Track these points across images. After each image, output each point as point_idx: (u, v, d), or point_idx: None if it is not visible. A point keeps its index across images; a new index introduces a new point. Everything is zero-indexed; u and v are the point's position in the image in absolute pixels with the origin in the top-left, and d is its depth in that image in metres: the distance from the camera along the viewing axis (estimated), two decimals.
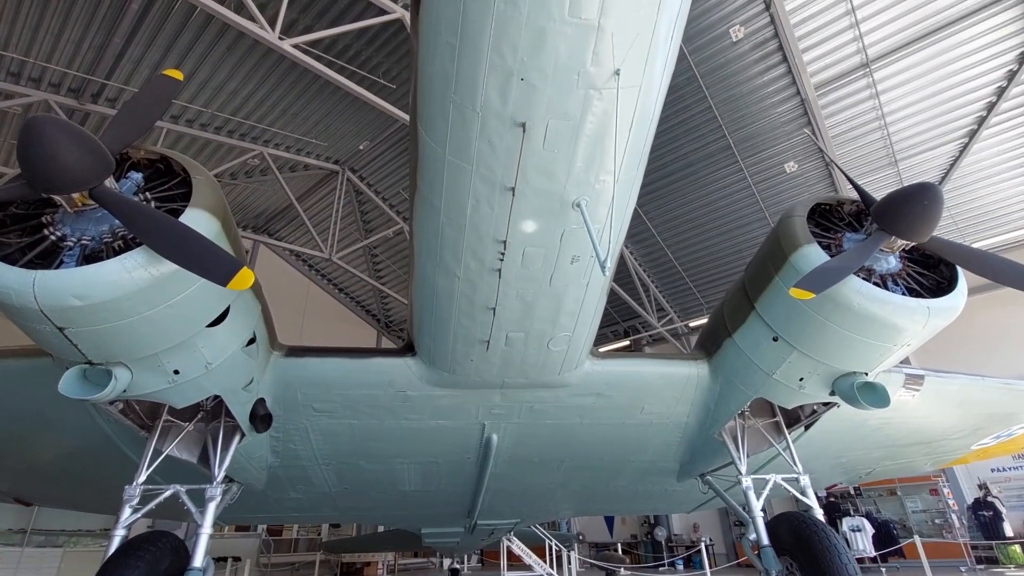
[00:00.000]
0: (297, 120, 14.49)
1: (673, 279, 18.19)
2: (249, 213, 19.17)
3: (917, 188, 3.82)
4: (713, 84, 12.58)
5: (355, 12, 10.94)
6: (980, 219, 14.55)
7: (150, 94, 3.97)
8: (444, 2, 2.72)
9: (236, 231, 4.06)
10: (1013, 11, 10.96)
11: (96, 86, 12.21)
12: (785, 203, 15.07)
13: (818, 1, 11.05)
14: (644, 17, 2.68)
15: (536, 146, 3.07)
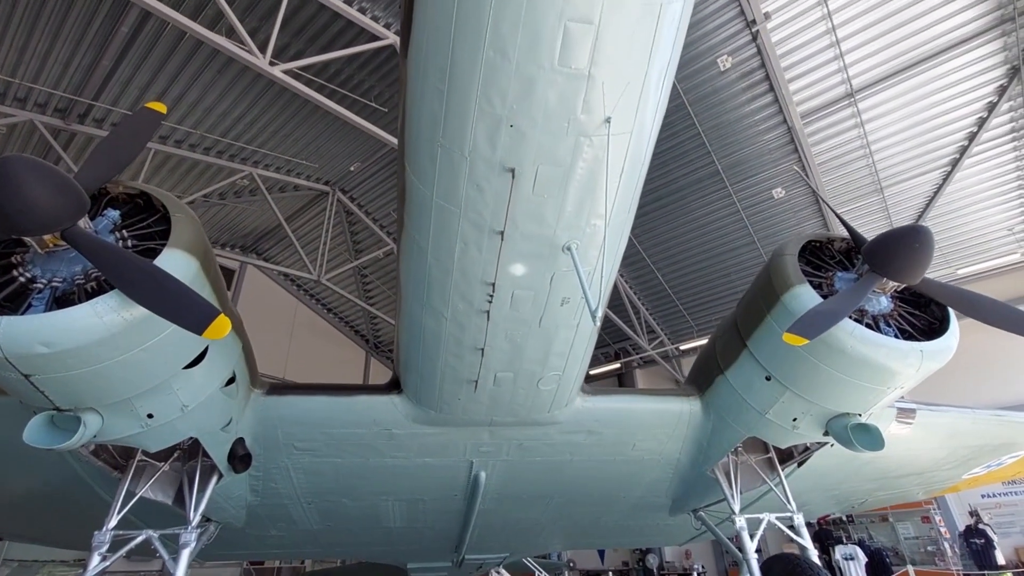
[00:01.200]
0: (288, 142, 14.42)
1: (663, 302, 18.21)
2: (237, 233, 18.96)
3: (908, 230, 3.81)
4: (701, 112, 12.74)
5: (347, 37, 10.98)
6: (965, 246, 14.76)
7: (131, 127, 3.88)
8: (432, 48, 2.68)
9: (217, 270, 3.93)
10: (991, 46, 11.26)
11: (83, 107, 12.08)
12: (773, 228, 15.23)
13: (803, 33, 11.27)
14: (635, 66, 2.65)
15: (526, 191, 3.02)
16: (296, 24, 10.65)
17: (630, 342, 19.35)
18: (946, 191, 13.60)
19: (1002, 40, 11.18)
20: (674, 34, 2.70)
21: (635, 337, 18.05)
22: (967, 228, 14.40)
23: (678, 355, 19.53)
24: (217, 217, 17.50)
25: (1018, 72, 11.55)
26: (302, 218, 18.04)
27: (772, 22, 10.90)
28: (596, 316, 2.86)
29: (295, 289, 21.80)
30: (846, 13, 10.91)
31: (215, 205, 16.47)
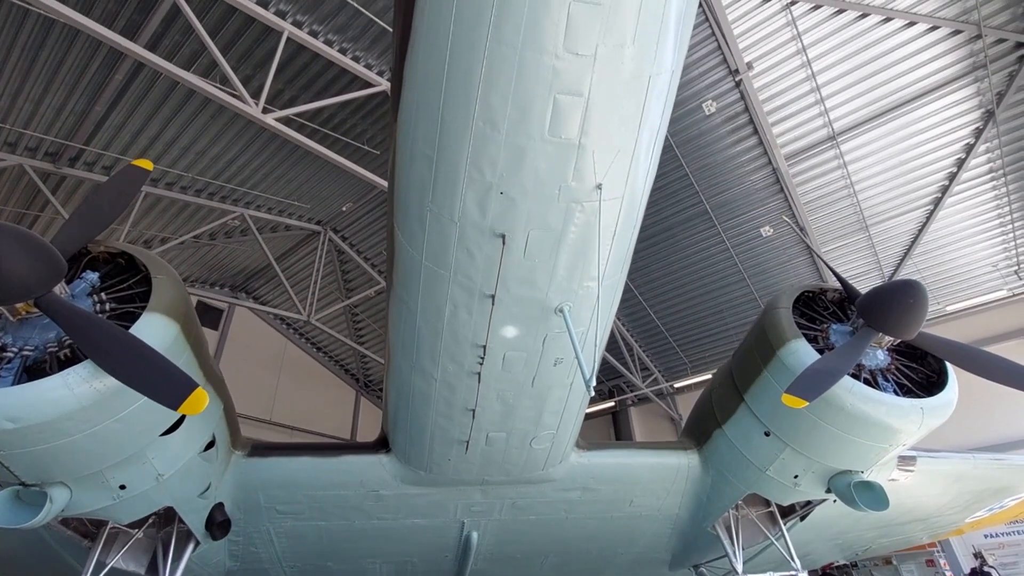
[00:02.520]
0: (280, 183, 14.46)
1: (657, 340, 18.12)
2: (227, 272, 18.79)
3: (902, 286, 3.79)
4: (689, 153, 12.99)
5: (341, 84, 11.15)
6: (952, 282, 14.91)
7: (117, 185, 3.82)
8: (421, 116, 2.66)
9: (199, 331, 3.81)
10: (965, 91, 11.65)
11: (74, 151, 12.07)
12: (763, 266, 15.33)
13: (784, 79, 11.63)
14: (625, 134, 2.65)
15: (517, 256, 2.96)
16: (290, 72, 10.82)
17: (624, 380, 19.15)
18: (930, 229, 13.83)
19: (975, 85, 11.58)
20: (663, 103, 2.71)
21: (629, 375, 17.88)
22: (953, 265, 14.59)
23: (672, 392, 19.33)
24: (207, 257, 17.37)
25: (992, 115, 11.92)
26: (293, 257, 17.94)
27: (754, 71, 11.24)
28: (590, 385, 2.76)
29: (284, 328, 21.51)
30: (825, 61, 11.29)
31: (205, 245, 16.36)
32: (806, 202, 13.75)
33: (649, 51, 2.42)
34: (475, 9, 2.30)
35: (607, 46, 2.32)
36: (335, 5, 9.57)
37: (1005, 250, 14.31)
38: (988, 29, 10.72)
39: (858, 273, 15.17)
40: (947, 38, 10.97)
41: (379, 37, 10.41)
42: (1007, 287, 14.68)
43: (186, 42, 9.88)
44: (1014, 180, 12.93)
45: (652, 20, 2.34)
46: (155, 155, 12.51)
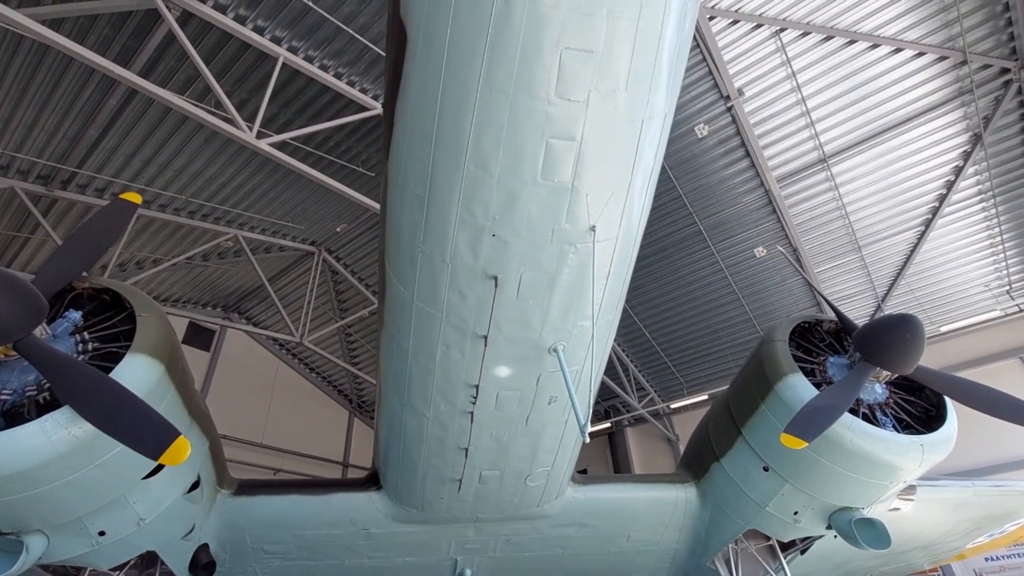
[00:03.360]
0: (274, 205, 14.42)
1: (652, 359, 18.04)
2: (220, 292, 18.64)
3: (898, 321, 3.76)
4: (682, 175, 13.08)
5: (336, 108, 11.19)
6: (945, 303, 14.97)
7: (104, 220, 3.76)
8: (413, 158, 2.63)
9: (184, 368, 3.72)
10: (952, 115, 11.83)
11: (67, 174, 12.02)
12: (757, 286, 15.35)
13: (775, 104, 11.78)
14: (619, 176, 2.63)
15: (509, 297, 2.92)
16: (285, 96, 10.86)
17: (619, 400, 19.01)
18: (922, 250, 13.92)
19: (963, 109, 11.76)
20: (656, 145, 2.69)
21: (624, 395, 17.75)
22: (945, 285, 14.66)
23: (669, 413, 19.20)
24: (200, 277, 17.23)
25: (980, 139, 12.09)
26: (286, 278, 17.83)
27: (745, 96, 11.38)
28: (585, 432, 2.69)
29: (277, 348, 21.30)
30: (815, 85, 11.46)
31: (198, 266, 16.25)
32: (798, 223, 13.83)
33: (642, 96, 2.40)
34: (466, 55, 2.28)
35: (600, 92, 2.31)
36: (331, 31, 9.64)
37: (996, 270, 14.40)
38: (973, 55, 10.93)
39: (851, 293, 15.23)
40: (934, 64, 11.17)
41: (374, 62, 10.48)
42: (1000, 307, 14.75)
43: (181, 67, 9.91)
44: (1003, 202, 13.07)
45: (645, 66, 2.33)
46: (148, 177, 12.48)
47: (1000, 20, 10.57)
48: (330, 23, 9.31)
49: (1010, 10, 10.37)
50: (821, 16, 10.71)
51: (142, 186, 12.55)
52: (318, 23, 9.37)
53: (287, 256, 17.02)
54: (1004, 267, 14.22)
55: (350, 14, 9.33)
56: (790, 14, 10.71)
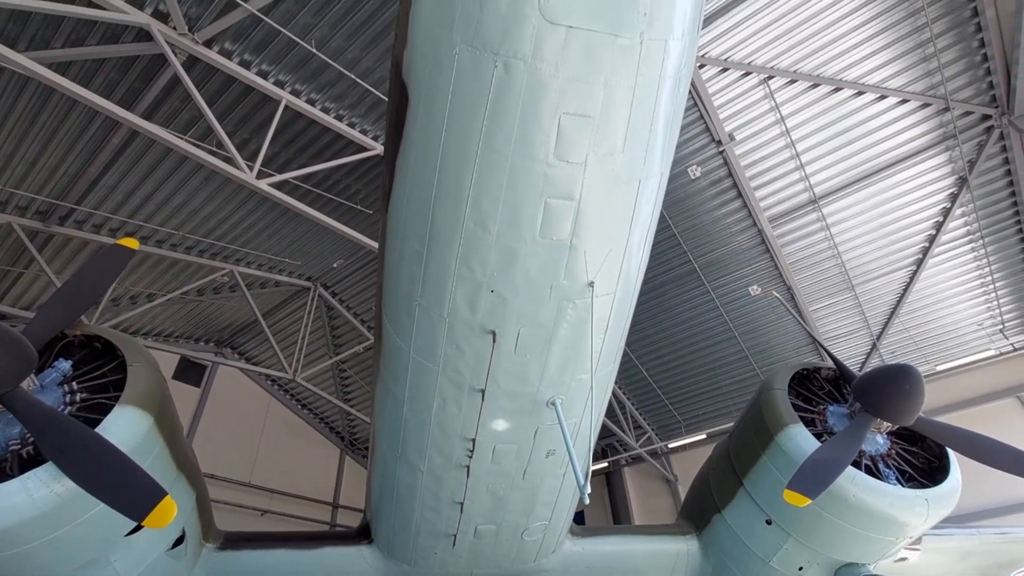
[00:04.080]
0: (271, 240, 14.48)
1: (649, 397, 17.87)
2: (213, 327, 18.49)
3: (896, 372, 3.75)
4: (676, 214, 13.27)
5: (335, 148, 11.38)
6: (940, 341, 15.01)
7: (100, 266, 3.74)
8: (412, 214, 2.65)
9: (174, 420, 3.64)
10: (938, 159, 12.14)
11: (65, 209, 12.06)
12: (752, 324, 15.38)
13: (766, 147, 12.07)
14: (617, 234, 2.65)
15: (507, 351, 2.89)
16: (286, 136, 11.05)
17: (616, 439, 18.73)
18: (914, 289, 14.04)
19: (947, 154, 12.08)
20: (653, 202, 2.73)
21: (621, 434, 17.50)
22: (939, 324, 14.73)
23: (667, 452, 18.89)
24: (194, 312, 17.12)
25: (966, 181, 12.38)
26: (281, 312, 17.74)
27: (736, 140, 11.68)
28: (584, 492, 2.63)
29: (269, 384, 20.99)
30: (804, 130, 11.78)
31: (192, 301, 16.16)
32: (791, 262, 13.97)
33: (639, 157, 2.45)
34: (467, 117, 2.33)
35: (598, 154, 2.35)
36: (333, 76, 9.89)
37: (989, 309, 14.51)
38: (955, 102, 11.30)
39: (846, 332, 15.28)
40: (918, 110, 11.53)
41: (375, 105, 10.72)
42: (995, 346, 14.79)
43: (185, 108, 10.11)
44: (992, 243, 13.28)
45: (641, 129, 2.38)
46: (147, 214, 12.55)
47: (979, 70, 10.98)
48: (333, 67, 9.57)
49: (988, 60, 10.78)
50: (808, 65, 11.10)
51: (140, 222, 12.61)
52: (321, 68, 9.63)
53: (282, 291, 16.98)
54: (996, 306, 14.34)
55: (352, 60, 9.60)
56: (777, 63, 11.11)
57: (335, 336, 18.50)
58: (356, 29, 9.04)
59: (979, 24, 10.31)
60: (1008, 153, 11.78)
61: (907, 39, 10.65)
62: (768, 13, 10.54)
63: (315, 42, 9.01)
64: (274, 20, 8.54)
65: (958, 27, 10.43)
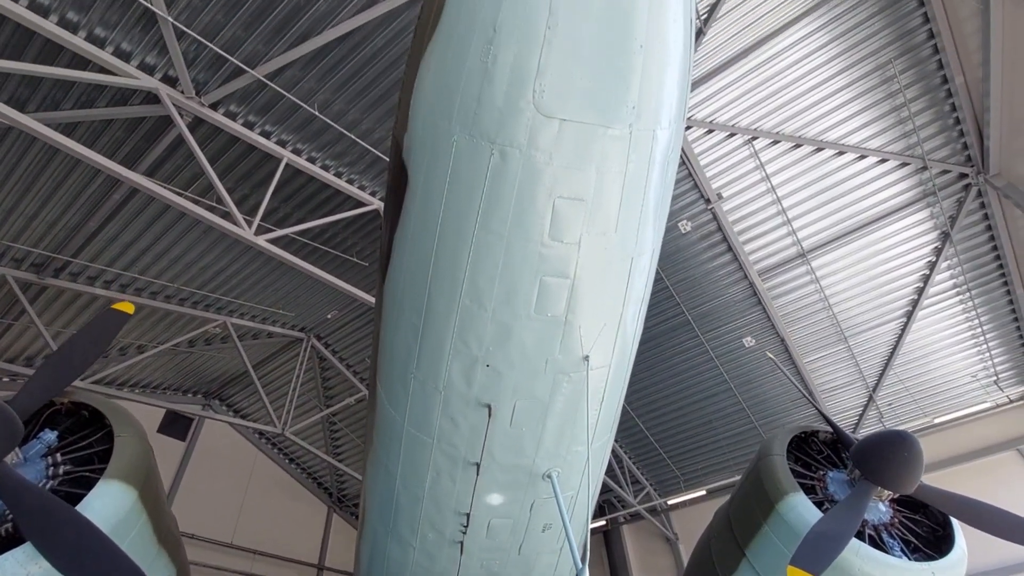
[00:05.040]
0: (266, 292, 14.49)
1: (647, 451, 17.53)
2: (202, 378, 18.18)
3: (895, 440, 3.73)
4: (668, 267, 13.47)
5: (334, 204, 11.61)
6: (935, 393, 14.97)
7: (93, 332, 3.72)
8: (409, 288, 2.69)
9: (159, 492, 3.54)
10: (920, 215, 12.51)
11: (61, 262, 12.09)
12: (748, 376, 15.32)
13: (752, 203, 12.43)
14: (611, 308, 2.70)
15: (503, 425, 2.87)
16: (285, 192, 11.28)
17: (614, 495, 18.21)
18: (906, 341, 14.12)
19: (929, 210, 12.47)
20: (646, 277, 2.79)
21: (619, 489, 17.02)
22: (934, 376, 14.73)
23: (666, 509, 18.33)
24: (183, 363, 16.88)
25: (948, 236, 12.72)
26: (272, 363, 17.52)
27: (723, 198, 12.05)
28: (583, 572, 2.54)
29: (256, 438, 20.46)
30: (789, 187, 12.19)
31: (182, 353, 15.97)
32: (783, 315, 14.09)
33: (631, 236, 2.53)
34: (464, 200, 2.41)
35: (591, 234, 2.43)
36: (334, 135, 10.22)
37: (981, 360, 14.56)
38: (932, 162, 11.77)
39: (842, 384, 15.23)
40: (897, 169, 11.99)
41: (375, 162, 11.04)
42: (991, 398, 14.75)
43: (188, 165, 10.35)
44: (979, 295, 13.49)
45: (633, 210, 2.48)
46: (143, 266, 12.59)
47: (953, 131, 11.51)
48: (334, 128, 9.90)
49: (961, 123, 11.33)
50: (790, 126, 11.61)
51: (135, 274, 12.63)
52: (323, 128, 9.96)
53: (275, 342, 16.84)
54: (988, 358, 14.40)
55: (353, 121, 9.95)
56: (760, 124, 11.62)
57: (327, 388, 18.22)
58: (357, 94, 9.43)
59: (949, 90, 10.89)
60: (987, 209, 12.17)
61: (883, 103, 11.21)
62: (750, 79, 11.12)
63: (318, 105, 9.36)
64: (279, 85, 8.90)
65: (930, 92, 11.02)
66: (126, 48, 8.24)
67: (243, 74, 8.57)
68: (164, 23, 7.68)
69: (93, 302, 13.07)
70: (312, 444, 18.49)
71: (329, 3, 8.06)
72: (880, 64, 10.77)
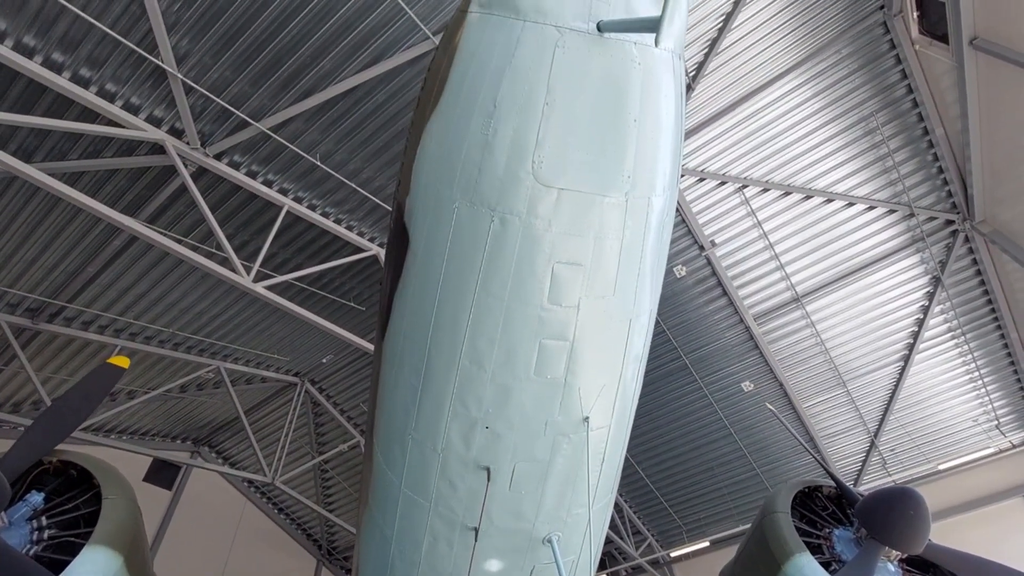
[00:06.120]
0: (261, 337, 14.40)
1: (647, 499, 17.07)
2: (191, 425, 17.79)
3: (899, 498, 3.67)
4: (664, 311, 13.51)
5: (332, 249, 11.71)
6: (937, 439, 14.79)
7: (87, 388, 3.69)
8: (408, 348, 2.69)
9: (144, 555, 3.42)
10: (910, 260, 12.70)
11: (56, 307, 12.04)
12: (748, 421, 15.13)
13: (745, 248, 12.62)
14: (610, 369, 2.70)
15: (502, 488, 2.82)
16: (285, 238, 11.39)
17: (615, 546, 17.59)
18: (905, 385, 14.05)
19: (918, 255, 12.67)
20: (644, 335, 2.81)
21: (620, 541, 16.47)
22: (935, 421, 14.59)
23: (669, 561, 17.68)
24: (173, 409, 16.56)
25: (940, 281, 12.88)
26: (264, 409, 17.21)
27: (717, 245, 12.25)
28: None
29: (246, 487, 19.86)
30: (780, 233, 12.41)
31: (174, 398, 15.69)
32: (780, 359, 14.06)
33: (629, 299, 2.57)
34: (464, 264, 2.46)
35: (590, 298, 2.47)
36: (335, 183, 10.43)
37: (981, 405, 14.46)
38: (918, 209, 12.05)
39: (843, 429, 15.06)
40: (885, 215, 12.25)
41: (375, 209, 11.21)
42: (994, 444, 14.57)
43: (189, 213, 10.48)
44: (973, 339, 13.53)
45: (630, 273, 2.53)
46: (139, 311, 12.54)
47: (937, 180, 11.84)
48: (335, 178, 10.10)
49: (944, 172, 11.67)
50: (779, 175, 11.94)
51: (130, 319, 12.56)
52: (324, 177, 10.17)
53: (268, 387, 16.59)
54: (988, 402, 14.31)
55: (354, 170, 10.17)
56: (750, 173, 11.95)
57: (319, 434, 17.84)
58: (359, 145, 9.69)
59: (931, 141, 11.29)
60: (976, 255, 12.37)
61: (868, 152, 11.58)
62: (739, 130, 11.51)
63: (320, 156, 9.60)
64: (283, 137, 9.15)
65: (912, 143, 11.42)
66: (135, 102, 8.51)
67: (248, 126, 8.82)
68: (174, 80, 7.96)
69: (85, 347, 12.95)
70: (303, 493, 17.95)
71: (334, 61, 8.39)
72: (863, 116, 11.20)
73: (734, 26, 9.89)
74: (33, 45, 7.51)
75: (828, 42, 10.44)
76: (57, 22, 7.41)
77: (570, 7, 2.09)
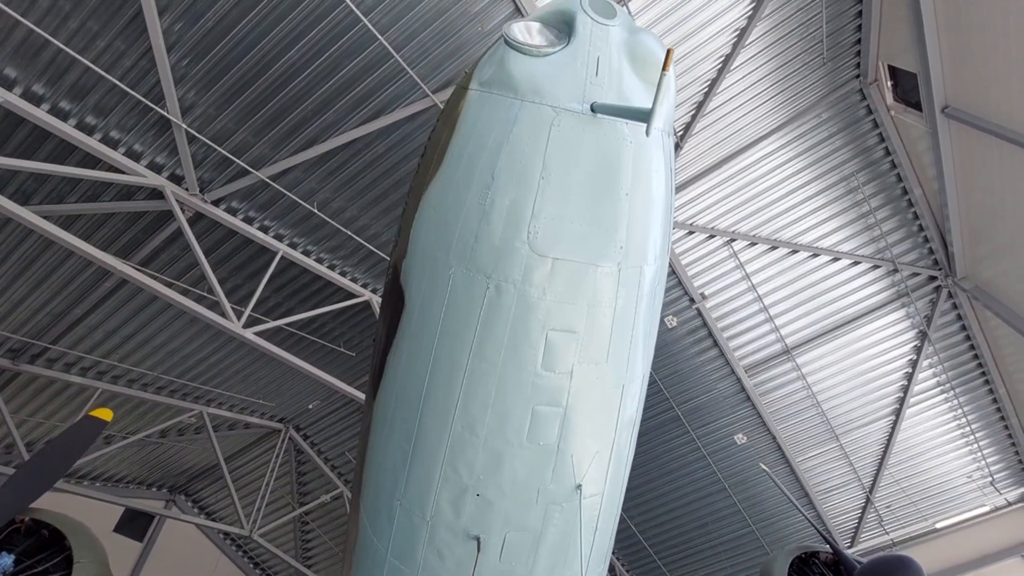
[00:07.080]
0: (247, 381, 14.13)
1: (640, 556, 16.47)
2: (168, 471, 17.14)
3: (897, 567, 3.60)
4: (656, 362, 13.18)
5: (324, 294, 11.71)
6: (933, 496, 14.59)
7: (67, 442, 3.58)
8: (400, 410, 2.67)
9: None
10: (896, 314, 12.89)
11: (39, 348, 11.81)
12: (742, 475, 14.87)
13: (734, 301, 12.77)
14: (603, 436, 2.69)
15: (492, 559, 2.74)
16: (278, 283, 11.39)
17: None
18: (898, 440, 13.97)
19: (904, 310, 12.88)
20: (637, 401, 2.82)
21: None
22: (929, 477, 14.44)
23: None
24: (151, 456, 15.99)
25: (926, 335, 13.04)
26: (246, 456, 16.67)
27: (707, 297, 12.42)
28: None
29: (221, 539, 18.95)
30: (769, 286, 12.61)
31: (152, 444, 15.19)
32: (772, 411, 13.98)
33: (622, 364, 2.59)
34: (460, 328, 2.48)
35: (583, 365, 2.49)
36: (331, 230, 10.54)
37: (975, 461, 14.36)
38: (902, 264, 12.35)
39: (837, 485, 14.83)
40: (870, 271, 12.53)
41: (369, 255, 11.29)
42: (990, 501, 14.39)
43: (183, 256, 10.50)
44: (963, 394, 13.58)
45: (623, 340, 2.56)
46: (124, 353, 12.32)
47: (918, 237, 12.20)
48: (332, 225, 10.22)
49: (924, 230, 12.04)
50: (765, 229, 12.25)
51: (113, 362, 12.32)
52: (320, 224, 10.29)
53: (251, 434, 16.15)
54: (981, 458, 14.22)
55: (351, 218, 10.32)
56: (738, 227, 12.25)
57: (301, 484, 17.24)
58: (357, 194, 9.88)
59: (910, 200, 11.70)
60: (960, 310, 12.60)
61: (851, 210, 11.96)
62: (726, 186, 11.89)
63: (318, 204, 9.75)
64: (282, 185, 9.31)
65: (893, 202, 11.84)
66: (138, 149, 8.67)
67: (248, 174, 8.98)
68: (178, 129, 8.15)
69: (65, 389, 12.62)
70: (281, 547, 17.16)
71: (336, 115, 8.67)
72: (845, 176, 11.64)
73: (719, 91, 10.39)
74: (42, 93, 7.71)
75: (808, 106, 10.97)
76: (68, 72, 7.65)
77: (565, 90, 2.22)
